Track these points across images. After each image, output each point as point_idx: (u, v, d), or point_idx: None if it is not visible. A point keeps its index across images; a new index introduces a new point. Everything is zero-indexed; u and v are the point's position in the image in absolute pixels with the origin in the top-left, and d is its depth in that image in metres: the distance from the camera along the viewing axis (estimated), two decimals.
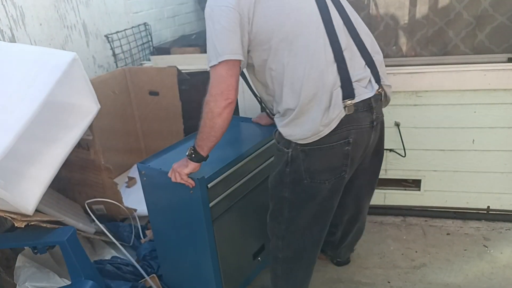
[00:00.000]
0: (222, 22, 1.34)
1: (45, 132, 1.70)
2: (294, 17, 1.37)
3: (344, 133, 1.41)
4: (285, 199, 1.55)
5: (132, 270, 1.97)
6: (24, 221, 1.56)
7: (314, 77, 1.36)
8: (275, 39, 1.36)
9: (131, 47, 3.22)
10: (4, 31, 2.18)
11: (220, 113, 1.37)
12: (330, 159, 1.44)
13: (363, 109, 1.43)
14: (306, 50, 1.36)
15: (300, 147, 1.43)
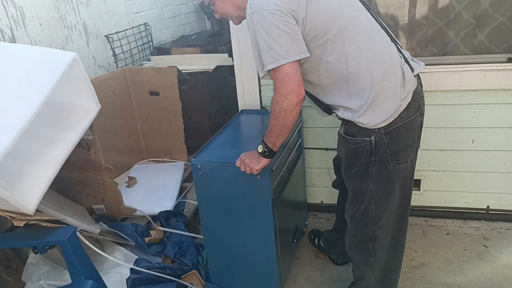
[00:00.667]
0: (279, 26, 1.34)
1: (46, 132, 1.70)
2: (345, 10, 1.42)
3: (417, 104, 1.50)
4: (371, 193, 1.54)
5: (170, 272, 1.96)
6: (23, 220, 1.56)
7: (381, 57, 1.42)
8: (332, 31, 1.39)
9: (131, 47, 3.23)
10: (4, 31, 2.19)
11: (292, 110, 1.39)
12: (411, 134, 1.51)
13: (419, 82, 1.57)
14: (367, 36, 1.42)
15: (383, 130, 1.44)
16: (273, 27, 1.33)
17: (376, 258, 1.68)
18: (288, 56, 1.35)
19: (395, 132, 1.45)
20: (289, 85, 1.37)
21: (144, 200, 2.46)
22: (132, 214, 2.27)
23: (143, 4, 3.48)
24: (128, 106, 2.84)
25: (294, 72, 1.37)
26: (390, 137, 1.45)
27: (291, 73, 1.36)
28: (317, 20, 1.38)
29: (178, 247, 2.10)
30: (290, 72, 1.36)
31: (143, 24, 3.40)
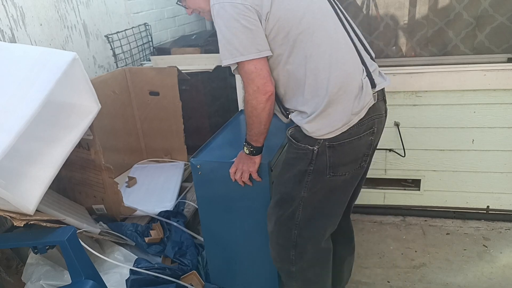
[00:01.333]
0: (240, 21, 1.31)
1: (46, 132, 1.70)
2: (311, 11, 1.37)
3: (370, 122, 1.42)
4: (302, 199, 1.47)
5: (169, 273, 1.95)
6: (23, 220, 1.56)
7: (341, 66, 1.36)
8: (294, 31, 1.35)
9: (131, 48, 3.22)
10: (4, 31, 2.18)
11: (263, 108, 1.38)
12: (356, 151, 1.43)
13: (381, 98, 1.49)
14: (329, 40, 1.37)
15: (328, 142, 1.37)
16: (233, 21, 1.30)
17: (297, 268, 1.60)
18: (246, 53, 1.32)
19: (339, 147, 1.39)
20: (254, 83, 1.35)
21: (144, 200, 2.46)
22: (132, 214, 2.26)
23: (143, 4, 3.48)
24: (128, 106, 2.84)
25: (258, 70, 1.34)
26: (333, 151, 1.39)
27: (255, 71, 1.34)
28: (281, 18, 1.34)
29: (178, 247, 2.10)
30: (254, 70, 1.34)
31: (143, 24, 3.40)
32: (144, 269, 1.88)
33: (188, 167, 2.89)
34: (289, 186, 1.49)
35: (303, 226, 1.52)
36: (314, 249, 1.58)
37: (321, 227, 1.55)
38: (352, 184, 1.53)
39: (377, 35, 2.30)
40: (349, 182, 1.50)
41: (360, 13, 2.31)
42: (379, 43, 2.32)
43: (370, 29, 2.30)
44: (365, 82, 1.39)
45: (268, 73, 1.37)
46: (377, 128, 1.45)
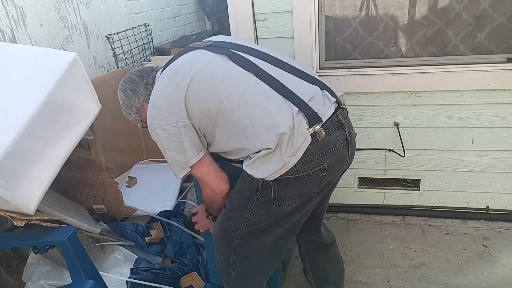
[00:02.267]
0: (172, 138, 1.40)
1: (46, 132, 1.71)
2: (216, 83, 1.38)
3: (319, 159, 1.36)
4: (245, 219, 1.47)
5: (169, 273, 1.96)
6: (23, 220, 1.57)
7: (262, 119, 1.34)
8: (213, 114, 1.38)
9: (131, 48, 3.23)
10: (4, 31, 2.19)
11: (221, 199, 1.50)
12: (303, 187, 1.39)
13: (334, 128, 1.40)
14: (243, 103, 1.36)
15: (272, 180, 1.37)
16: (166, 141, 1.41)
17: (236, 273, 1.61)
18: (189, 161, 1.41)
19: (284, 182, 1.36)
20: (207, 186, 1.46)
21: (144, 200, 2.46)
22: (132, 213, 2.27)
23: (144, 5, 3.49)
24: None
25: (205, 174, 1.44)
26: (278, 185, 1.37)
27: (203, 176, 1.44)
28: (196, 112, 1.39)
29: (178, 247, 2.10)
30: (201, 176, 1.44)
31: (143, 24, 3.41)
32: (144, 269, 1.89)
33: None
34: (234, 205, 1.49)
35: (245, 241, 1.53)
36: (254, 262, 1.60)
37: (262, 246, 1.55)
38: (301, 211, 1.49)
39: (377, 35, 2.31)
40: (297, 210, 1.46)
41: (360, 13, 2.32)
42: (378, 43, 2.32)
43: (370, 29, 2.30)
44: (298, 120, 1.33)
45: (216, 172, 1.45)
46: (329, 164, 1.38)
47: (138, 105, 1.56)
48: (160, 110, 1.40)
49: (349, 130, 1.45)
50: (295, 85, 1.41)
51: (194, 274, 1.98)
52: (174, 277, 1.95)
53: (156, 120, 1.41)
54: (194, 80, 1.38)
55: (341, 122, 1.42)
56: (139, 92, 1.55)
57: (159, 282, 1.89)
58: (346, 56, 2.37)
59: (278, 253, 1.62)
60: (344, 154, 1.44)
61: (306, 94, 1.39)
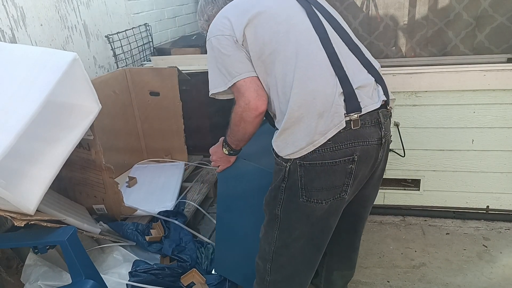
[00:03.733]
0: (222, 50, 1.42)
1: (46, 132, 1.71)
2: (283, 28, 1.38)
3: (349, 149, 1.31)
4: (277, 217, 1.44)
5: (169, 272, 1.95)
6: (24, 220, 1.57)
7: (304, 83, 1.32)
8: (266, 53, 1.37)
9: (131, 48, 3.23)
10: (4, 31, 2.19)
11: (251, 122, 1.41)
12: (331, 177, 1.33)
13: (371, 123, 1.35)
14: (295, 57, 1.34)
15: (298, 161, 1.33)
16: (216, 52, 1.44)
17: (271, 279, 1.57)
18: (235, 76, 1.41)
19: (310, 167, 1.32)
20: (245, 97, 1.39)
21: (145, 200, 2.46)
22: (132, 213, 2.27)
23: (144, 5, 3.49)
24: (129, 106, 2.85)
25: (248, 85, 1.39)
26: (305, 171, 1.33)
27: (244, 86, 1.39)
28: (252, 42, 1.38)
29: (176, 244, 2.10)
30: (243, 84, 1.39)
31: (143, 24, 3.41)
32: (143, 271, 1.89)
33: (188, 167, 2.90)
34: (267, 200, 1.48)
35: (280, 245, 1.49)
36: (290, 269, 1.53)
37: (297, 251, 1.49)
38: (335, 214, 1.43)
39: (377, 36, 2.31)
40: (330, 212, 1.40)
41: (360, 13, 2.32)
42: (379, 44, 2.32)
43: (370, 30, 2.31)
44: (337, 101, 1.30)
45: (257, 93, 1.39)
46: (359, 157, 1.33)
47: (210, 14, 1.59)
48: (223, 22, 1.42)
49: (386, 132, 1.40)
50: (350, 66, 1.38)
51: (194, 270, 1.98)
52: (174, 276, 1.95)
53: (215, 29, 1.43)
54: (266, 13, 1.39)
55: (379, 120, 1.37)
56: (217, 2, 1.58)
57: (160, 283, 1.88)
58: None
59: (313, 264, 1.55)
60: (376, 154, 1.39)
61: (358, 80, 1.36)
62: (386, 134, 1.40)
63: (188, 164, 2.92)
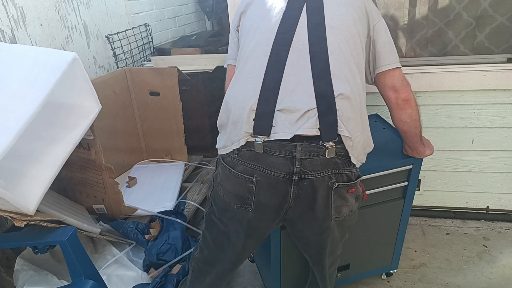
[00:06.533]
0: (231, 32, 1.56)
1: (46, 132, 1.71)
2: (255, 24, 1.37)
3: (249, 169, 1.22)
4: (209, 199, 1.44)
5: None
6: (24, 220, 1.57)
7: (234, 86, 1.32)
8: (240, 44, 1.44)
9: (131, 48, 3.23)
10: (4, 31, 2.19)
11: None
12: (237, 186, 1.27)
13: (279, 153, 1.19)
14: (245, 58, 1.33)
15: (221, 158, 1.33)
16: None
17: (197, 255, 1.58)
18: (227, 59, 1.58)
19: (225, 169, 1.29)
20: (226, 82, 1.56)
21: (144, 200, 2.46)
22: (132, 213, 2.27)
23: (144, 5, 3.49)
24: (129, 106, 2.84)
25: (228, 72, 1.56)
26: (222, 169, 1.32)
27: (227, 71, 1.57)
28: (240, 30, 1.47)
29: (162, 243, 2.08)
30: (227, 70, 1.57)
31: (143, 24, 3.41)
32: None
33: (188, 167, 2.90)
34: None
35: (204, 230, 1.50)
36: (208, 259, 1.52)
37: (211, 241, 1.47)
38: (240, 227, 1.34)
39: None
40: (237, 220, 1.33)
41: None
42: None
43: None
44: (247, 117, 1.20)
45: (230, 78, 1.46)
46: (259, 181, 1.21)
47: None
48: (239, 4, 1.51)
49: (304, 170, 1.19)
50: (292, 84, 1.21)
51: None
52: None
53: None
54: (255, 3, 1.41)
55: (293, 155, 1.18)
56: None
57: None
58: None
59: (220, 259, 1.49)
60: (284, 188, 1.22)
61: (288, 101, 1.19)
62: (304, 172, 1.19)
63: (188, 164, 2.91)
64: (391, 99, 1.40)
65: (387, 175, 1.69)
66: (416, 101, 1.43)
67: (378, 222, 1.83)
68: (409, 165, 1.68)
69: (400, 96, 1.37)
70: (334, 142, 1.18)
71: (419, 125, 1.47)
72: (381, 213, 1.80)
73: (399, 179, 1.72)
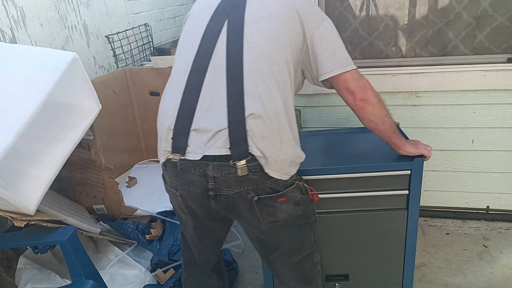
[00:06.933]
0: None
1: (46, 132, 1.71)
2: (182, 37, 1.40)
3: (174, 183, 1.32)
4: None
5: None
6: (24, 220, 1.57)
7: (162, 102, 1.38)
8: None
9: (131, 48, 3.23)
10: (5, 31, 2.19)
11: None
12: (171, 197, 1.42)
13: (194, 171, 1.23)
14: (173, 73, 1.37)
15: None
16: None
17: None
18: None
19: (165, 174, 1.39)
20: None
21: (145, 200, 2.46)
22: (132, 213, 2.27)
23: (144, 5, 3.49)
24: (129, 106, 2.84)
25: None
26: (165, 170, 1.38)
27: None
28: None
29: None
30: None
31: (143, 24, 3.41)
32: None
33: None
34: None
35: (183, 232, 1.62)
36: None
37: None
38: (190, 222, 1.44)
39: (377, 36, 2.31)
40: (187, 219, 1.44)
41: (360, 13, 2.32)
42: (379, 44, 2.32)
43: (370, 30, 2.30)
44: (167, 135, 1.27)
45: None
46: (182, 195, 1.31)
47: None
48: None
49: (219, 187, 1.22)
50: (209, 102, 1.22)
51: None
52: None
53: None
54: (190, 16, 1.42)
55: (207, 173, 1.21)
56: None
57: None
58: None
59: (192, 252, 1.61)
60: (206, 203, 1.28)
61: (202, 121, 1.21)
62: (218, 188, 1.22)
63: None
64: (349, 101, 1.39)
65: (381, 177, 1.63)
66: (378, 98, 1.39)
67: (380, 233, 1.73)
68: (406, 169, 1.63)
69: (357, 97, 1.36)
70: (247, 160, 1.18)
71: (386, 120, 1.42)
72: (382, 223, 1.71)
73: (397, 185, 1.65)
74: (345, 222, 1.72)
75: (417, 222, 1.70)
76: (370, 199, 1.67)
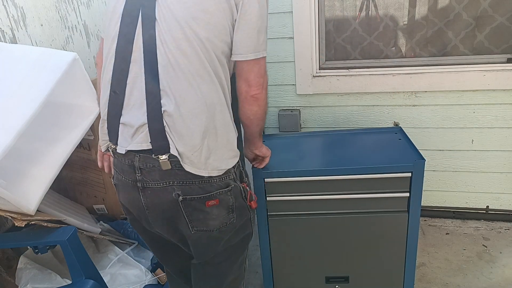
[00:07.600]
0: None
1: (47, 132, 1.71)
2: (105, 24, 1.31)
3: (114, 172, 1.35)
4: None
5: None
6: (24, 220, 1.57)
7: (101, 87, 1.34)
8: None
9: None
10: (5, 31, 2.19)
11: None
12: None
13: (125, 162, 1.23)
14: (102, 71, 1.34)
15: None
16: None
17: None
18: None
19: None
20: None
21: None
22: None
23: None
24: None
25: None
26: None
27: None
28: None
29: None
30: None
31: None
32: None
33: None
34: None
35: None
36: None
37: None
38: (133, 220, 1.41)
39: (377, 36, 2.31)
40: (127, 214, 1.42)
41: (360, 13, 2.32)
42: (378, 44, 2.32)
43: (370, 30, 2.31)
44: (101, 126, 1.32)
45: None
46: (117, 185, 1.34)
47: None
48: None
49: (144, 178, 1.21)
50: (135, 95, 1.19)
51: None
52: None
53: None
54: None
55: (134, 165, 1.21)
56: None
57: None
58: (346, 57, 2.37)
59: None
60: (136, 196, 1.25)
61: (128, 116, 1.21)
62: (145, 181, 1.21)
63: None
64: (242, 92, 1.27)
65: (381, 179, 1.63)
66: (266, 100, 1.31)
67: (381, 236, 1.73)
68: (407, 172, 1.63)
69: (250, 92, 1.25)
70: (168, 155, 1.16)
71: (261, 123, 1.36)
72: (383, 225, 1.71)
73: (398, 188, 1.65)
74: (345, 224, 1.72)
75: (418, 224, 1.70)
76: (370, 201, 1.67)
